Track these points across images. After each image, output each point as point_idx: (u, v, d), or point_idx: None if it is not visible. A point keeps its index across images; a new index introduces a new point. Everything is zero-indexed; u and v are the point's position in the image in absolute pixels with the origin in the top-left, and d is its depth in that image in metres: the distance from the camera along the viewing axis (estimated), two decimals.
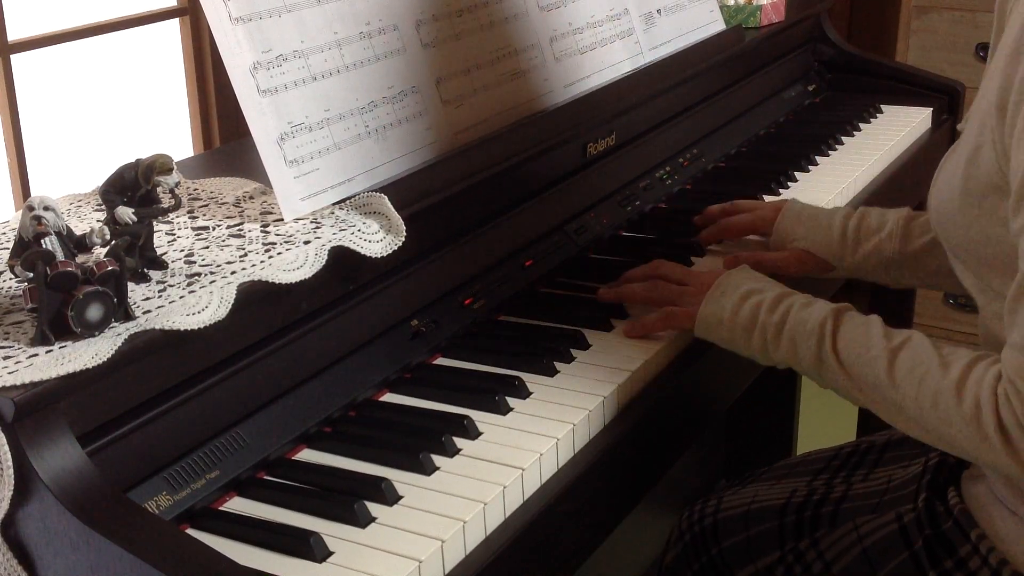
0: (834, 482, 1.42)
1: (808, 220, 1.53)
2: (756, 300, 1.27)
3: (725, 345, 1.30)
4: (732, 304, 1.28)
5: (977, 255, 1.16)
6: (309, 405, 1.16)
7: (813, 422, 2.85)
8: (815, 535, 1.34)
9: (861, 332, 1.20)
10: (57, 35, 2.38)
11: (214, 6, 1.23)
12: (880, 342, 1.18)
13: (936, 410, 1.11)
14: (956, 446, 1.12)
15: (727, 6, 2.14)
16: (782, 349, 1.25)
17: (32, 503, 0.92)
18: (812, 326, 1.22)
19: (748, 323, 1.27)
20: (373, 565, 0.98)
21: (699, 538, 1.46)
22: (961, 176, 1.16)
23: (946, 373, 1.11)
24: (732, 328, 1.28)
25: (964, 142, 1.18)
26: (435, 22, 1.45)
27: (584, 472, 1.15)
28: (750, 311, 1.27)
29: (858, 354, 1.19)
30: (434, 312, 1.33)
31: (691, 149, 1.90)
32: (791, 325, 1.24)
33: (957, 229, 1.18)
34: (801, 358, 1.23)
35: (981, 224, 1.14)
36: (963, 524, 1.22)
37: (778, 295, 1.28)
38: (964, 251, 1.18)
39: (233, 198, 1.32)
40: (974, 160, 1.14)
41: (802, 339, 1.23)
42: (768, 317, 1.26)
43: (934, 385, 1.12)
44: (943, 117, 2.26)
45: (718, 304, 1.29)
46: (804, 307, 1.25)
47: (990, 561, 1.19)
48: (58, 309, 0.99)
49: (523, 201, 1.50)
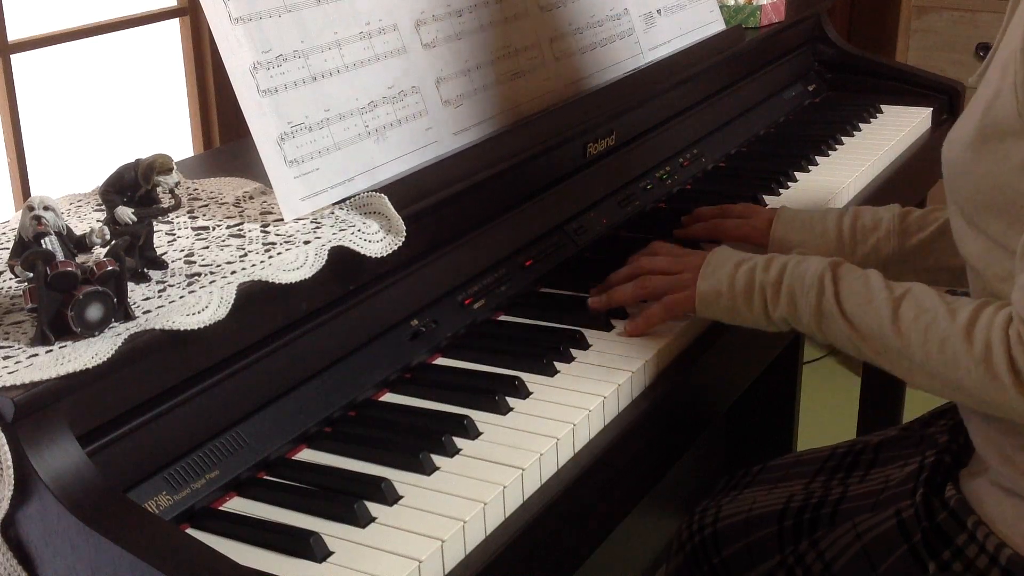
0: (831, 484, 1.42)
1: (802, 226, 1.53)
2: (750, 265, 1.30)
3: (728, 318, 1.32)
4: (727, 274, 1.30)
5: (987, 205, 1.16)
6: (309, 405, 1.16)
7: (813, 421, 2.86)
8: (814, 536, 1.34)
9: (861, 283, 1.21)
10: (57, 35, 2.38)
11: (214, 6, 1.23)
12: (882, 292, 1.19)
13: (943, 354, 1.13)
14: (963, 389, 1.14)
15: (727, 6, 2.14)
16: (781, 305, 1.26)
17: (32, 503, 0.92)
18: (811, 280, 1.24)
19: (746, 287, 1.28)
20: (373, 565, 0.98)
21: (700, 548, 1.46)
22: (977, 124, 1.16)
23: (953, 318, 1.13)
24: (732, 297, 1.29)
25: (981, 93, 1.18)
26: (435, 22, 1.45)
27: (584, 472, 1.15)
28: (746, 275, 1.29)
29: (859, 304, 1.20)
30: (434, 312, 1.33)
31: (691, 149, 1.90)
32: (788, 280, 1.26)
33: (969, 178, 1.17)
34: (801, 313, 1.25)
35: (995, 171, 1.14)
36: (959, 513, 1.22)
37: (769, 256, 1.30)
38: (973, 203, 1.18)
39: (233, 198, 1.32)
40: (992, 106, 1.14)
41: (801, 293, 1.24)
42: (764, 276, 1.27)
43: (941, 330, 1.13)
44: (943, 117, 2.26)
45: (713, 277, 1.31)
46: (799, 263, 1.27)
47: (987, 547, 1.19)
48: (58, 309, 0.99)
49: (523, 201, 1.50)
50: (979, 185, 1.16)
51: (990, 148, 1.14)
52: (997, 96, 1.14)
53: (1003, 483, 1.20)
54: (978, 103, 1.18)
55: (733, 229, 1.58)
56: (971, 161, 1.16)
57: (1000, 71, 1.15)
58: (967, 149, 1.17)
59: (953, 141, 1.22)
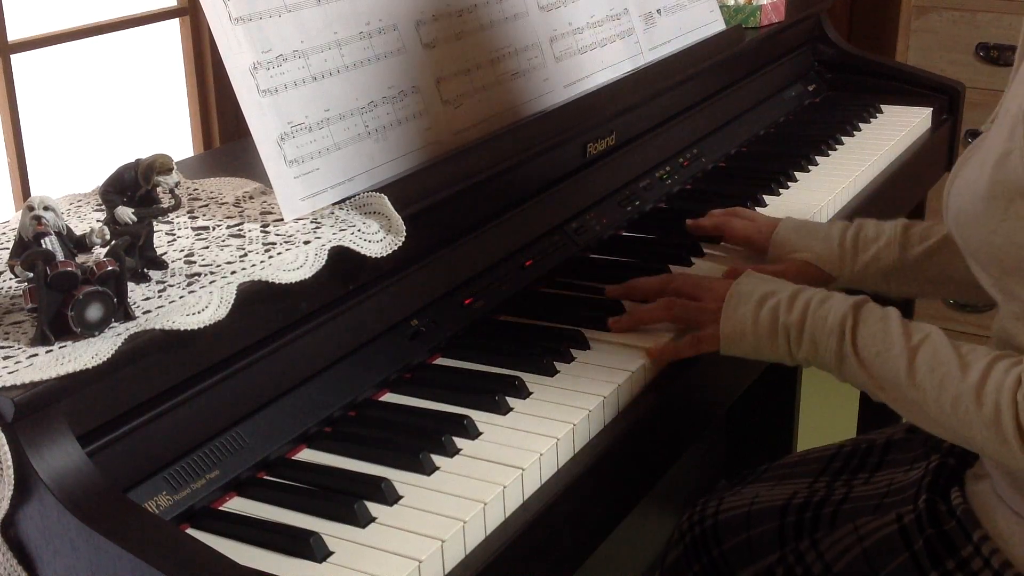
0: (835, 484, 1.42)
1: (805, 232, 1.54)
2: (773, 303, 1.28)
3: (753, 356, 1.30)
4: (751, 312, 1.28)
5: (999, 260, 1.16)
6: (309, 405, 1.16)
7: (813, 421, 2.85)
8: (815, 536, 1.34)
9: (880, 328, 1.20)
10: (57, 35, 2.38)
11: (214, 6, 1.23)
12: (900, 340, 1.18)
13: (956, 413, 1.12)
14: (975, 446, 1.14)
15: (727, 6, 2.14)
16: (804, 348, 1.25)
17: (32, 503, 0.92)
18: (832, 324, 1.23)
19: (770, 328, 1.27)
20: (373, 565, 0.98)
21: (700, 539, 1.46)
22: (987, 181, 1.15)
23: (965, 376, 1.12)
24: (756, 337, 1.28)
25: (990, 145, 1.17)
26: (435, 22, 1.45)
27: (584, 472, 1.15)
28: (769, 315, 1.27)
29: (878, 352, 1.19)
30: (434, 312, 1.33)
31: (691, 149, 1.90)
32: (811, 323, 1.24)
33: (979, 233, 1.17)
34: (822, 356, 1.24)
35: (1006, 230, 1.13)
36: (966, 524, 1.22)
37: (793, 292, 1.28)
38: (985, 255, 1.18)
39: (233, 198, 1.32)
40: (1002, 165, 1.13)
41: (822, 338, 1.23)
42: (787, 317, 1.26)
43: (954, 388, 1.12)
44: (943, 117, 2.26)
45: (736, 315, 1.29)
46: (822, 303, 1.25)
47: (992, 563, 1.19)
48: (58, 309, 0.99)
49: (523, 201, 1.50)
50: (990, 240, 1.15)
51: (1000, 207, 1.14)
52: (1007, 155, 1.13)
53: (1011, 504, 1.20)
54: (988, 156, 1.16)
55: (740, 229, 1.59)
56: (982, 215, 1.16)
57: (1009, 129, 1.13)
58: (977, 202, 1.16)
59: (961, 191, 1.21)
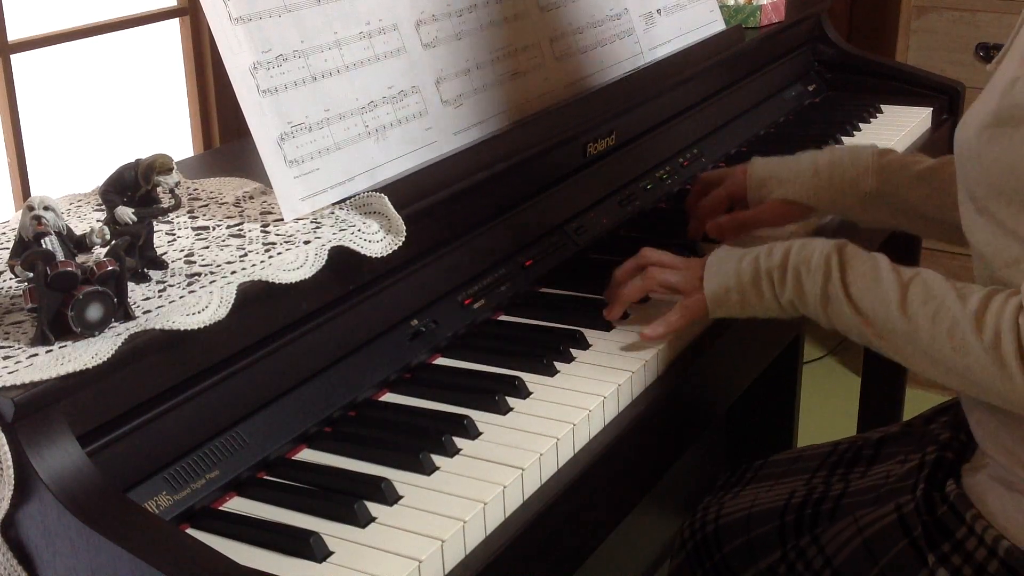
0: (832, 480, 1.42)
1: (776, 171, 1.55)
2: (753, 254, 1.29)
3: (741, 311, 1.30)
4: (732, 268, 1.29)
5: (997, 190, 1.16)
6: (309, 405, 1.16)
7: (813, 420, 2.86)
8: (815, 531, 1.35)
9: (869, 267, 1.20)
10: (57, 35, 2.38)
11: (214, 6, 1.23)
12: (890, 275, 1.18)
13: (952, 340, 1.12)
14: (969, 377, 1.13)
15: (727, 6, 2.15)
16: (788, 288, 1.25)
17: (32, 503, 0.92)
18: (817, 261, 1.23)
19: (753, 276, 1.27)
20: (373, 565, 0.98)
21: (701, 545, 1.46)
22: (994, 108, 1.16)
23: (964, 304, 1.12)
24: (741, 289, 1.28)
25: (997, 79, 1.18)
26: (435, 22, 1.45)
27: (584, 472, 1.15)
28: (751, 264, 1.28)
29: (867, 287, 1.19)
30: (434, 312, 1.33)
31: (691, 149, 1.90)
32: (794, 262, 1.25)
33: (980, 161, 1.17)
34: (807, 295, 1.24)
35: (1008, 156, 1.14)
36: (959, 507, 1.22)
37: (772, 243, 1.29)
38: (984, 187, 1.17)
39: (233, 198, 1.32)
40: (1009, 91, 1.14)
41: (807, 275, 1.23)
42: (769, 261, 1.26)
43: (951, 316, 1.12)
44: (943, 117, 2.26)
45: (719, 274, 1.30)
46: (804, 245, 1.26)
47: (985, 539, 1.19)
48: (58, 309, 0.99)
49: (523, 201, 1.50)
50: (990, 169, 1.16)
51: (1004, 133, 1.14)
52: (1014, 83, 1.14)
53: (1003, 477, 1.20)
54: (994, 88, 1.18)
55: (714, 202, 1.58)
56: (984, 144, 1.16)
57: (1018, 59, 1.14)
58: (981, 132, 1.17)
59: (967, 124, 1.21)
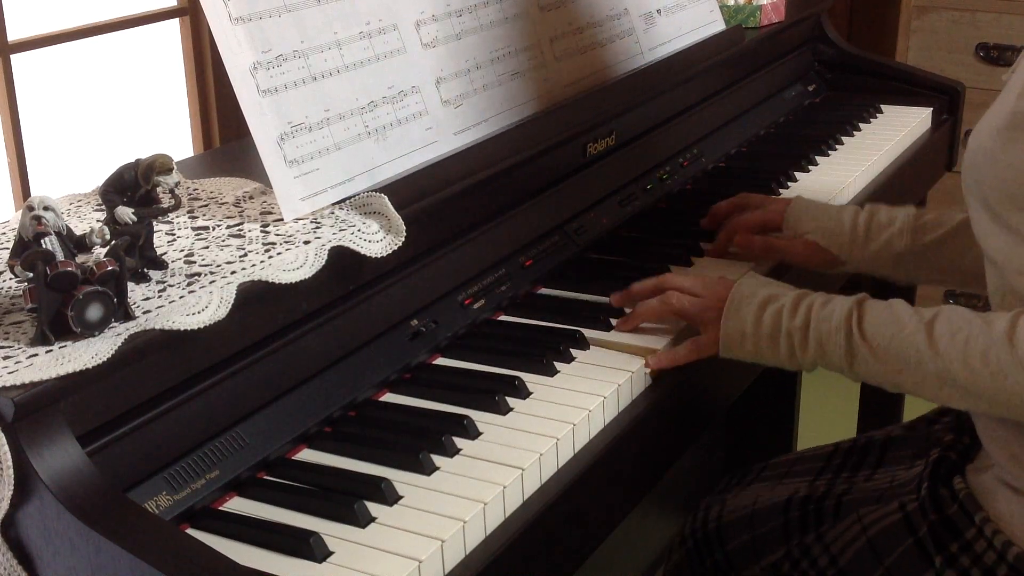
0: (836, 481, 1.42)
1: (817, 214, 1.54)
2: (776, 307, 1.27)
3: (751, 359, 1.29)
4: (752, 316, 1.27)
5: (1012, 195, 1.16)
6: (309, 405, 1.16)
7: (813, 421, 2.86)
8: (820, 529, 1.34)
9: (888, 315, 1.20)
10: (57, 35, 2.38)
11: (214, 6, 1.23)
12: (912, 318, 1.18)
13: (988, 366, 1.12)
14: (1011, 398, 1.12)
15: (727, 6, 2.14)
16: (810, 351, 1.24)
17: (32, 503, 0.92)
18: (837, 322, 1.22)
19: (772, 332, 1.26)
20: (373, 565, 0.98)
21: (703, 542, 1.46)
22: (1009, 112, 1.16)
23: (991, 328, 1.13)
24: (757, 340, 1.27)
25: (1013, 84, 1.18)
26: (435, 22, 1.45)
27: (584, 472, 1.15)
28: (772, 319, 1.26)
29: (892, 335, 1.19)
30: (434, 312, 1.33)
31: (691, 149, 1.90)
32: (815, 325, 1.24)
33: (996, 167, 1.17)
34: (830, 357, 1.23)
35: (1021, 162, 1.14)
36: (968, 508, 1.22)
37: (796, 297, 1.27)
38: (998, 193, 1.17)
39: (233, 198, 1.32)
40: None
41: (828, 337, 1.23)
42: (791, 322, 1.25)
43: (982, 342, 1.13)
44: (943, 117, 2.26)
45: (738, 318, 1.28)
46: (824, 305, 1.25)
47: (995, 543, 1.19)
48: (58, 309, 0.99)
49: (523, 201, 1.50)
50: (1005, 175, 1.16)
51: (1020, 137, 1.14)
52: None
53: (1010, 481, 1.20)
54: (1010, 93, 1.18)
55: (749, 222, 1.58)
56: (999, 149, 1.16)
57: None
58: (996, 137, 1.17)
59: (981, 130, 1.21)
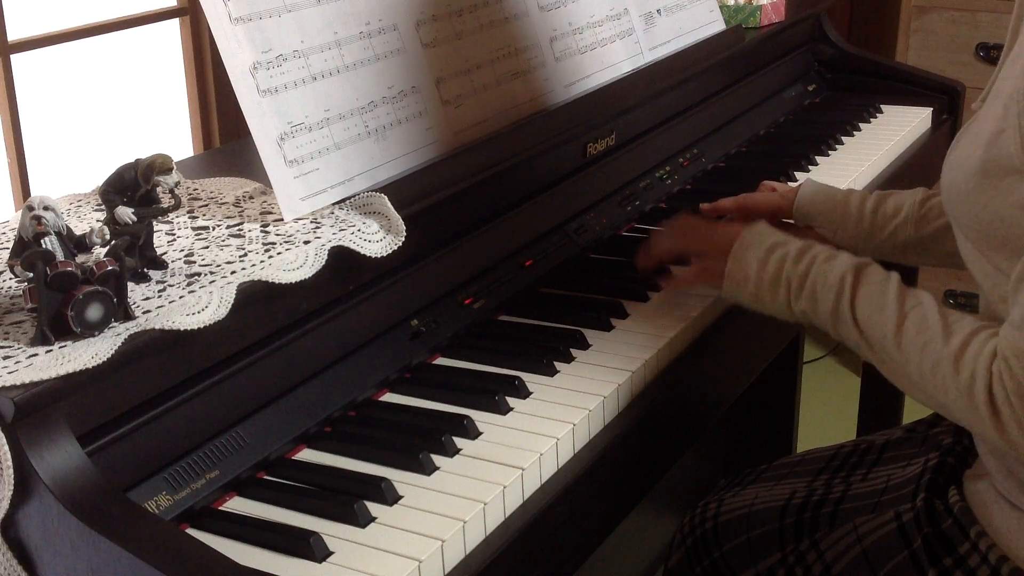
0: (833, 482, 1.42)
1: (825, 200, 1.55)
2: (781, 253, 1.29)
3: (750, 303, 1.31)
4: (758, 258, 1.30)
5: (987, 235, 1.17)
6: (309, 405, 1.16)
7: (813, 421, 2.86)
8: (815, 536, 1.34)
9: (877, 291, 1.21)
10: (57, 35, 2.38)
11: (214, 6, 1.23)
12: (893, 304, 1.19)
13: (935, 377, 1.14)
14: (951, 414, 1.15)
15: (727, 6, 2.14)
16: (803, 300, 1.26)
17: (32, 503, 0.92)
18: (833, 280, 1.24)
19: (774, 278, 1.28)
20: (373, 565, 0.98)
21: (701, 542, 1.46)
22: (980, 157, 1.16)
23: (947, 343, 1.14)
24: (759, 283, 1.29)
25: (983, 122, 1.18)
26: (435, 22, 1.45)
27: (584, 472, 1.16)
28: (776, 265, 1.28)
29: (870, 314, 1.20)
30: (434, 312, 1.33)
31: (691, 149, 1.90)
32: (813, 277, 1.26)
33: (970, 208, 1.18)
34: (819, 311, 1.25)
35: (995, 205, 1.14)
36: (962, 522, 1.22)
37: (803, 247, 1.29)
38: (975, 231, 1.19)
39: (233, 198, 1.32)
40: (994, 143, 1.14)
41: (822, 292, 1.25)
42: (793, 268, 1.27)
43: (935, 353, 1.14)
44: (943, 117, 2.26)
45: (744, 258, 1.30)
46: (827, 260, 1.26)
47: (989, 558, 1.19)
48: (58, 309, 0.99)
49: (523, 201, 1.50)
50: (980, 215, 1.16)
51: (992, 183, 1.14)
52: (1000, 133, 1.13)
53: (1006, 494, 1.20)
54: (981, 134, 1.17)
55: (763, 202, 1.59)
56: (973, 191, 1.16)
57: (1003, 107, 1.14)
58: (969, 178, 1.17)
59: (954, 166, 1.22)
